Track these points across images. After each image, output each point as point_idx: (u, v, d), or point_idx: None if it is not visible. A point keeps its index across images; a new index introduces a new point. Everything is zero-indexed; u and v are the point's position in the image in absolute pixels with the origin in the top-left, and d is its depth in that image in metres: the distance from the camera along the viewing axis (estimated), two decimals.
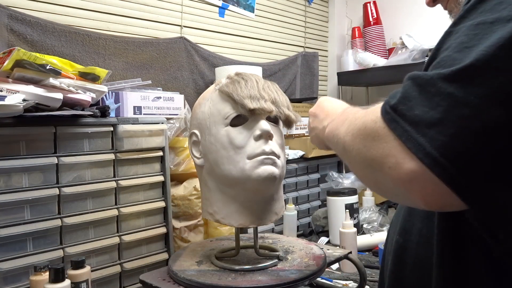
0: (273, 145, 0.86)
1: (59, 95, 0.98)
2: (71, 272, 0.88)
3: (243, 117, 0.87)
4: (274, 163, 0.85)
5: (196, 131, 0.93)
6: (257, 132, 0.85)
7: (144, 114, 1.27)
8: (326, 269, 0.99)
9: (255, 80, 0.87)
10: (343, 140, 0.52)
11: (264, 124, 0.85)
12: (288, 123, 0.90)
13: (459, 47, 0.39)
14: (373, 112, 0.45)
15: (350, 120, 0.52)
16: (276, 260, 0.92)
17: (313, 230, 1.79)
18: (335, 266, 1.37)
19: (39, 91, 0.96)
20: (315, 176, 1.89)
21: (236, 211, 0.89)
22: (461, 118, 0.35)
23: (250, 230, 1.20)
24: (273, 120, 0.90)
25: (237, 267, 0.89)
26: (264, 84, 0.88)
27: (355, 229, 1.39)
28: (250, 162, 0.84)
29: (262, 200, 0.90)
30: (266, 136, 0.85)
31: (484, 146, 0.35)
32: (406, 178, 0.39)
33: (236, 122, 0.87)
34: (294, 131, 1.84)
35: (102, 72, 1.13)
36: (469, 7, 0.41)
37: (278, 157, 0.87)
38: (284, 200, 1.66)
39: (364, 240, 1.56)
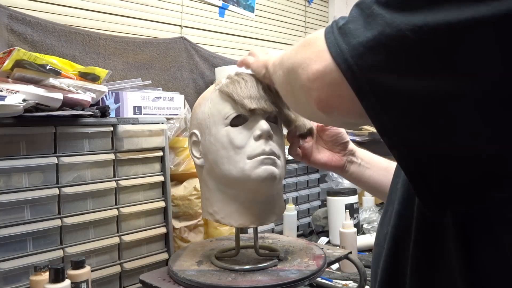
0: (273, 145, 0.86)
1: (59, 95, 0.98)
2: (71, 272, 0.88)
3: (243, 117, 0.87)
4: (274, 163, 0.85)
5: (196, 131, 0.93)
6: (257, 132, 0.85)
7: (144, 114, 1.27)
8: (326, 269, 0.99)
9: (256, 80, 0.87)
10: (285, 58, 0.54)
11: (264, 124, 0.85)
12: (288, 122, 0.90)
13: None
14: (320, 30, 0.48)
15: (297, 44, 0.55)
16: (276, 260, 0.92)
17: (313, 230, 1.79)
18: (335, 266, 1.37)
19: (39, 91, 0.96)
20: (315, 176, 1.89)
21: (236, 211, 0.89)
22: (383, 35, 0.38)
23: (250, 230, 1.20)
24: (273, 120, 0.90)
25: (237, 267, 0.89)
26: (264, 84, 0.88)
27: (355, 229, 1.39)
28: (250, 162, 0.84)
29: (262, 200, 0.90)
30: (266, 136, 0.85)
31: (394, 61, 0.38)
32: (313, 75, 0.43)
33: (236, 122, 0.87)
34: None
35: (102, 72, 1.13)
36: None
37: (278, 157, 0.87)
38: (284, 200, 1.66)
39: (364, 240, 1.56)
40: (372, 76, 0.39)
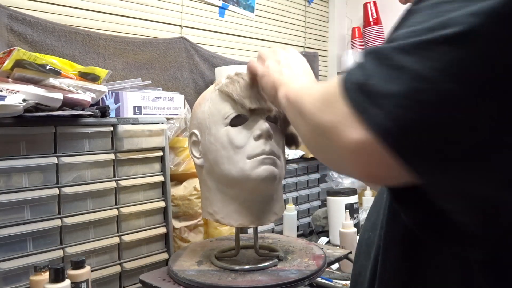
0: (272, 145, 0.86)
1: (59, 95, 0.98)
2: (71, 272, 0.88)
3: (243, 117, 0.87)
4: (274, 163, 0.85)
5: (196, 131, 0.93)
6: (257, 132, 0.85)
7: (144, 114, 1.27)
8: (326, 269, 0.99)
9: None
10: (300, 102, 0.52)
11: (264, 124, 0.85)
12: (287, 122, 0.90)
13: (418, 23, 0.38)
14: (333, 81, 0.45)
15: (313, 88, 0.52)
16: (276, 260, 0.92)
17: (313, 230, 1.79)
18: (335, 266, 1.37)
19: (39, 91, 0.96)
20: (315, 176, 1.89)
21: (236, 211, 0.89)
22: (417, 91, 0.35)
23: (250, 230, 1.20)
24: (273, 120, 0.90)
25: (237, 267, 0.89)
26: None
27: (355, 229, 1.39)
28: (250, 162, 0.84)
29: (262, 200, 0.90)
30: (266, 135, 0.85)
31: (440, 119, 0.35)
32: (351, 145, 0.39)
33: (235, 122, 0.87)
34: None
35: (102, 72, 1.13)
36: None
37: (278, 157, 0.87)
38: (284, 200, 1.67)
39: None
40: (421, 139, 0.35)
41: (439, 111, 0.34)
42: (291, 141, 0.94)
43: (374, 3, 2.33)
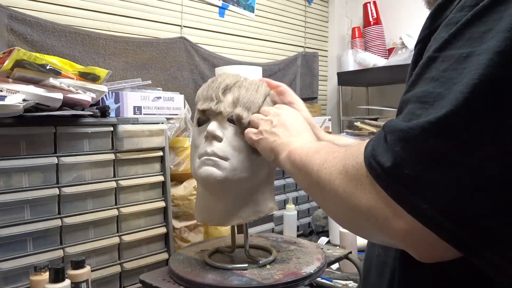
0: (218, 146, 0.84)
1: (59, 95, 0.98)
2: (71, 272, 0.88)
3: (208, 118, 0.88)
4: (215, 165, 0.83)
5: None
6: (205, 133, 0.85)
7: (144, 114, 1.27)
8: (326, 269, 0.99)
9: (222, 80, 0.88)
10: (316, 174, 0.50)
11: (210, 125, 0.85)
12: (239, 124, 0.85)
13: (441, 82, 0.38)
14: (353, 157, 0.43)
15: (326, 155, 0.50)
16: (246, 265, 0.90)
17: (313, 230, 1.79)
18: (335, 266, 1.37)
19: (39, 91, 0.96)
20: None
21: (201, 208, 0.93)
22: (456, 177, 0.35)
23: (252, 230, 1.20)
24: (233, 121, 0.86)
25: (226, 266, 0.90)
26: (232, 84, 0.87)
27: None
28: (198, 161, 0.86)
29: (220, 201, 0.89)
30: (211, 137, 0.84)
31: (485, 201, 0.35)
32: (399, 233, 0.39)
33: (203, 122, 0.89)
34: None
35: (102, 72, 1.13)
36: (455, 31, 0.39)
37: (225, 159, 0.84)
38: (284, 200, 1.67)
39: (364, 240, 1.56)
40: (469, 224, 0.35)
41: (485, 194, 0.34)
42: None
43: (374, 3, 2.33)
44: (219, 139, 0.84)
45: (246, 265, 0.90)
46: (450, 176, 0.35)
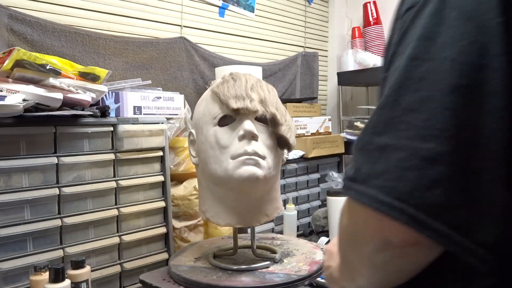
0: (257, 145, 0.85)
1: (59, 95, 0.98)
2: (71, 272, 0.88)
3: (231, 117, 0.87)
4: (257, 164, 0.84)
5: (193, 131, 0.95)
6: (241, 132, 0.85)
7: (144, 114, 1.27)
8: None
9: (245, 80, 0.88)
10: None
11: (247, 124, 0.84)
12: (274, 123, 0.88)
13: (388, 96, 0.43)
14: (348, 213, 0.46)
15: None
16: (268, 262, 0.92)
17: (313, 230, 1.79)
18: None
19: (39, 91, 0.96)
20: (315, 176, 1.89)
21: (224, 211, 0.90)
22: (400, 161, 0.37)
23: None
24: (263, 120, 0.89)
25: (229, 266, 0.90)
26: (255, 84, 0.88)
27: None
28: (232, 162, 0.84)
29: (249, 200, 0.89)
30: (249, 136, 0.84)
31: (429, 178, 0.36)
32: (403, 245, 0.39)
33: (224, 122, 0.88)
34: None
35: (102, 72, 1.13)
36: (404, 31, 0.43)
37: (264, 158, 0.85)
38: (284, 200, 1.67)
39: None
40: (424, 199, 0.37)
41: (427, 171, 0.36)
42: (283, 144, 0.92)
43: (374, 3, 2.33)
44: (257, 138, 0.85)
45: (268, 262, 0.91)
46: (394, 163, 0.37)
